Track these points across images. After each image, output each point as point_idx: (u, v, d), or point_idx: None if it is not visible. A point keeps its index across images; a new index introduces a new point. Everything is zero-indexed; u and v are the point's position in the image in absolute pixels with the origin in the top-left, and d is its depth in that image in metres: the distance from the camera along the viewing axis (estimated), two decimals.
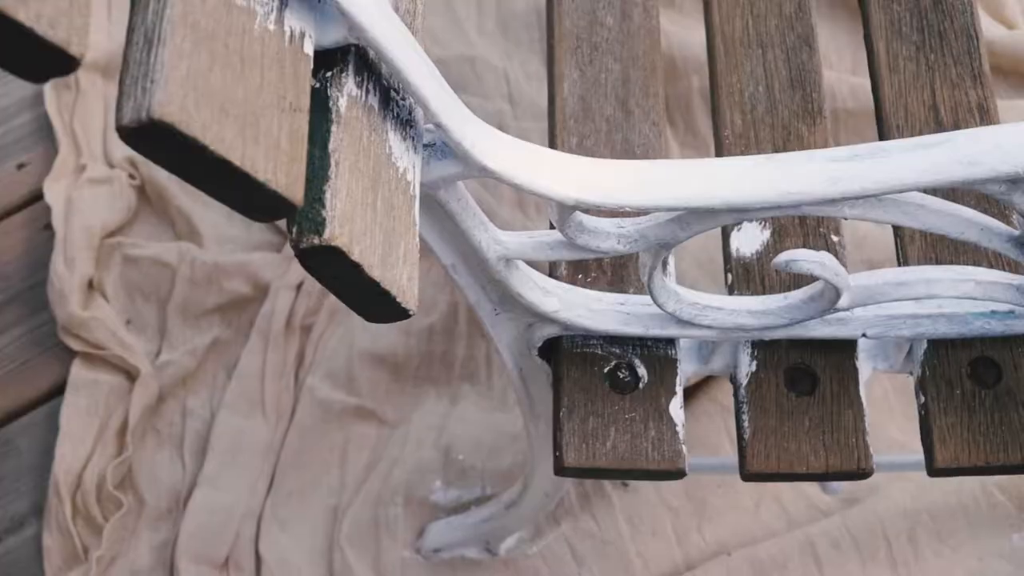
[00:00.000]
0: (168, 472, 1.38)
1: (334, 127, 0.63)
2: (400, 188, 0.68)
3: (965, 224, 0.80)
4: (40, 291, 1.45)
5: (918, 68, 1.02)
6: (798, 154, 0.76)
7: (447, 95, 0.68)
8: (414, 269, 0.67)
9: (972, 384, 0.93)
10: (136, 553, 1.34)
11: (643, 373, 0.92)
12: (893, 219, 0.78)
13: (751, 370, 0.93)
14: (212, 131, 0.53)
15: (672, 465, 0.90)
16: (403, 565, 1.33)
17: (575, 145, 0.99)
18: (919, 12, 1.05)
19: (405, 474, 1.37)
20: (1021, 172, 0.73)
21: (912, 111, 1.01)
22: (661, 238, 0.80)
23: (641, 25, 1.04)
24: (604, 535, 1.35)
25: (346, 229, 0.61)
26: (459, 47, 1.58)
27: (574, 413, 0.91)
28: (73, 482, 1.35)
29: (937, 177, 0.73)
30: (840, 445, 0.91)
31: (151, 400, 1.39)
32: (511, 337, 0.92)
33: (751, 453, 0.91)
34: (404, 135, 0.69)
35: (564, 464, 0.89)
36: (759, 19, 1.05)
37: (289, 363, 1.41)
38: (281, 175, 0.57)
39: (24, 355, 1.43)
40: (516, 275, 0.84)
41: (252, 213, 0.58)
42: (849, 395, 0.92)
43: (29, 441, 1.39)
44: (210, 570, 1.33)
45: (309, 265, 0.62)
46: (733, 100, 1.02)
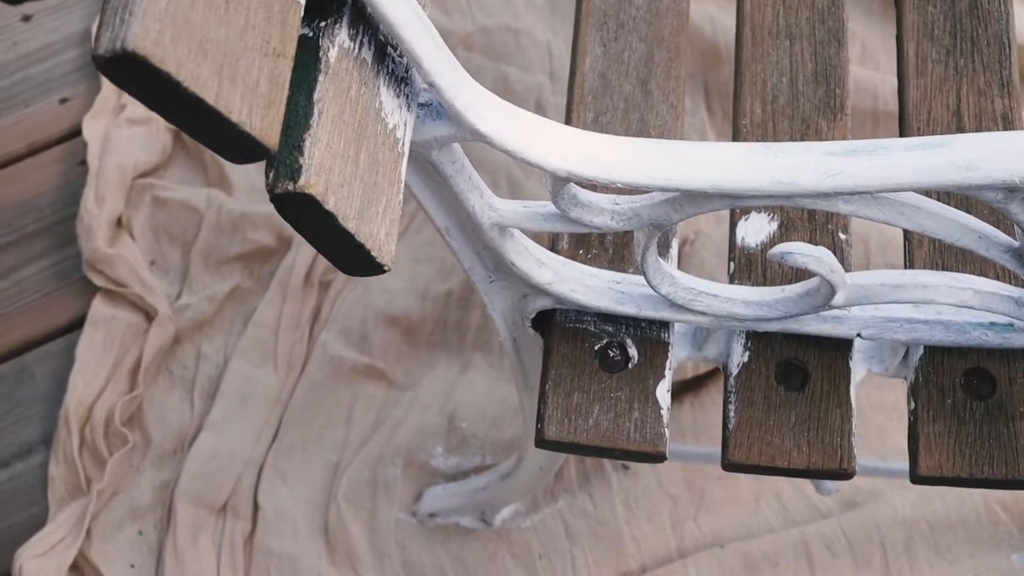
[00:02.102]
0: (177, 413, 1.40)
1: (321, 77, 0.63)
2: (387, 144, 0.68)
3: (963, 230, 0.79)
4: (70, 225, 1.47)
5: (946, 72, 1.01)
6: (797, 145, 0.76)
7: (443, 55, 0.68)
8: (394, 225, 0.68)
9: (964, 394, 0.92)
10: (138, 490, 1.36)
11: (634, 354, 0.92)
12: (889, 219, 0.78)
13: (743, 360, 0.93)
14: (187, 68, 0.54)
15: (652, 448, 0.90)
16: (397, 526, 1.34)
17: (590, 120, 0.99)
18: (954, 16, 1.03)
19: (407, 437, 1.37)
20: (1018, 181, 0.72)
21: (935, 115, 1.00)
22: (654, 218, 0.79)
23: (670, 7, 1.04)
24: (600, 515, 1.35)
25: (322, 178, 0.62)
26: (505, 18, 1.58)
27: (560, 387, 0.91)
28: (83, 415, 1.37)
29: (933, 179, 0.73)
30: (824, 444, 0.90)
31: (166, 341, 1.41)
32: (505, 306, 0.92)
33: (734, 443, 0.91)
34: (398, 92, 0.70)
35: (544, 436, 0.90)
36: (790, 10, 1.04)
37: (305, 317, 1.43)
38: (256, 118, 0.57)
39: (48, 286, 1.45)
40: (510, 243, 0.84)
41: (227, 153, 0.59)
42: (839, 394, 0.92)
43: (45, 370, 1.42)
44: (207, 513, 1.34)
45: (283, 211, 0.63)
46: (755, 89, 1.01)
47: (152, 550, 1.34)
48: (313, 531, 1.35)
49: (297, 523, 1.35)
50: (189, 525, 1.33)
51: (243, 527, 1.34)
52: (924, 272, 0.86)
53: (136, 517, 1.35)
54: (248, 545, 1.34)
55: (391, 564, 1.33)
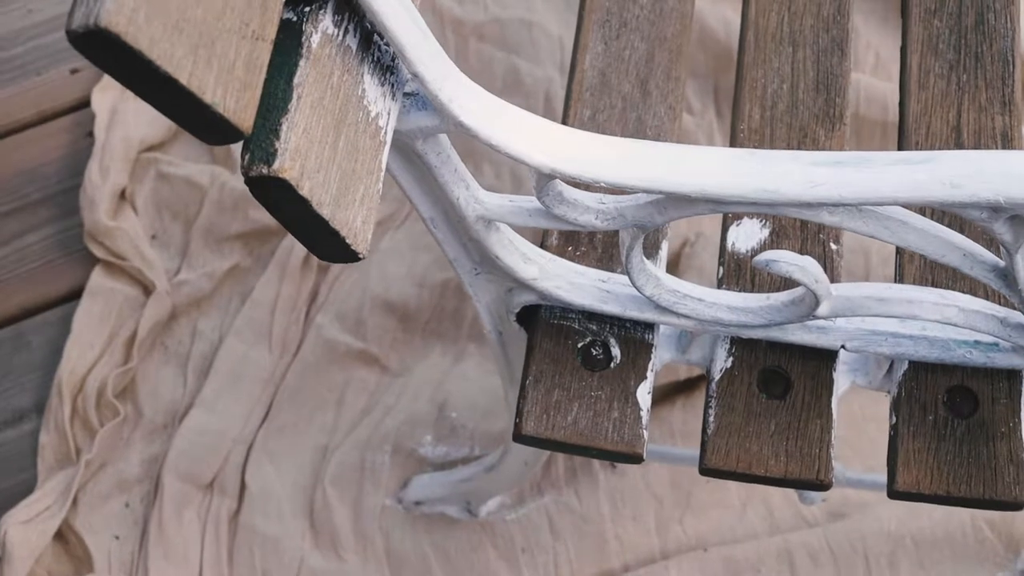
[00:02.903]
0: (170, 388, 1.40)
1: (302, 62, 0.63)
2: (368, 132, 0.68)
3: (947, 247, 0.78)
4: (74, 195, 1.48)
5: (948, 87, 1.01)
6: (783, 153, 0.75)
7: (429, 45, 0.68)
8: (371, 213, 0.68)
9: (946, 412, 0.91)
10: (127, 463, 1.37)
11: (616, 353, 0.92)
12: (872, 232, 0.77)
13: (726, 366, 0.93)
14: (161, 47, 0.54)
15: (630, 448, 0.90)
16: (382, 512, 1.35)
17: (587, 118, 0.99)
18: (959, 31, 1.03)
19: (397, 424, 1.38)
20: (1003, 201, 0.71)
21: (934, 130, 0.99)
22: (639, 219, 0.79)
23: (674, 7, 1.04)
24: (585, 512, 1.35)
25: (297, 163, 0.62)
26: (519, 10, 1.57)
27: (540, 383, 0.91)
28: (76, 385, 1.38)
29: (916, 195, 0.72)
30: (803, 453, 0.90)
31: (163, 316, 1.41)
32: (490, 299, 0.92)
33: (711, 448, 0.90)
34: (382, 80, 0.69)
35: (522, 432, 0.90)
36: (795, 16, 1.04)
37: (302, 299, 1.43)
38: (231, 100, 0.57)
39: (49, 255, 1.46)
40: (495, 237, 0.84)
41: (201, 134, 0.59)
42: (820, 405, 0.91)
43: (41, 339, 1.42)
44: (194, 489, 1.35)
45: (257, 194, 0.63)
46: (755, 94, 1.01)
47: (137, 522, 1.35)
48: (298, 513, 1.35)
49: (282, 504, 1.35)
50: (175, 500, 1.34)
51: (229, 505, 1.35)
52: (909, 287, 0.86)
53: (123, 489, 1.36)
54: (233, 523, 1.35)
55: (374, 550, 1.33)
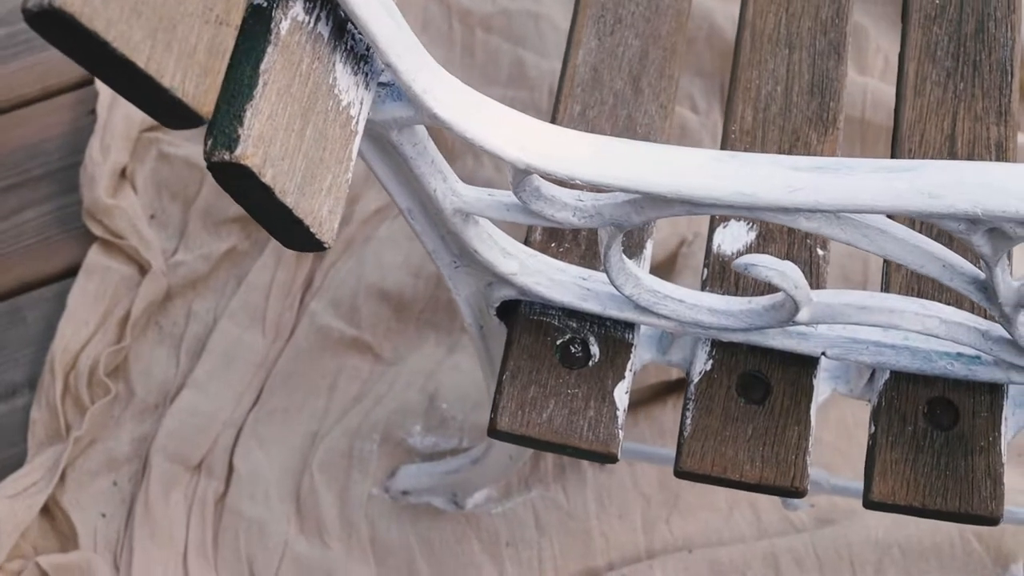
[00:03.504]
0: (162, 368, 1.40)
1: (270, 48, 0.63)
2: (339, 121, 0.67)
3: (927, 257, 0.77)
4: (75, 172, 1.48)
5: (944, 95, 1.00)
6: (763, 156, 0.74)
7: (403, 36, 0.68)
8: (338, 203, 0.67)
9: (926, 423, 0.90)
10: (116, 441, 1.37)
11: (596, 352, 0.91)
12: (851, 240, 0.76)
13: (705, 368, 0.92)
14: (118, 29, 0.53)
15: (604, 448, 0.89)
16: (368, 500, 1.34)
17: (577, 114, 0.98)
18: (958, 38, 1.01)
19: (387, 413, 1.37)
20: (980, 213, 0.70)
21: (928, 138, 0.98)
22: (616, 218, 0.79)
23: (671, 5, 1.03)
24: (571, 509, 1.34)
25: (260, 150, 0.61)
26: (527, 3, 1.57)
27: (517, 379, 0.91)
28: (69, 362, 1.38)
29: (894, 203, 0.71)
30: (779, 460, 0.89)
31: (157, 296, 1.41)
32: (470, 292, 0.91)
33: (687, 451, 0.90)
34: (356, 70, 0.69)
35: (496, 427, 0.89)
36: (793, 18, 1.03)
37: (297, 284, 1.43)
38: (190, 84, 0.57)
39: (48, 231, 1.46)
40: (474, 230, 0.84)
41: (161, 118, 0.58)
42: (799, 411, 0.91)
43: (37, 314, 1.42)
44: (182, 470, 1.35)
45: (220, 180, 0.62)
46: (748, 96, 1.00)
47: (125, 501, 1.35)
48: (285, 497, 1.35)
49: (269, 488, 1.35)
50: (163, 480, 1.34)
51: (216, 487, 1.35)
52: (891, 296, 0.85)
53: (112, 468, 1.36)
54: (219, 505, 1.35)
55: (358, 537, 1.33)
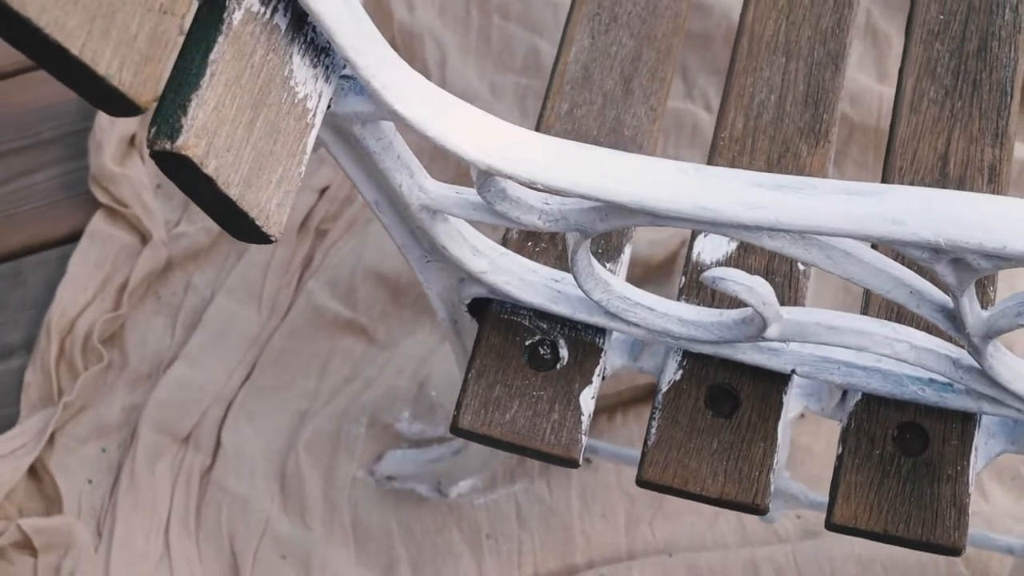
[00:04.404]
0: (158, 338, 1.41)
1: (221, 38, 0.62)
2: (293, 114, 0.67)
3: (894, 282, 0.76)
4: (85, 137, 1.49)
5: (940, 113, 0.98)
6: (728, 171, 0.73)
7: (363, 29, 0.67)
8: (288, 196, 0.67)
9: (894, 448, 0.89)
10: (107, 408, 1.38)
11: (564, 355, 0.91)
12: (814, 261, 0.75)
13: (675, 378, 0.91)
14: (51, 15, 0.53)
15: (566, 452, 0.89)
16: (353, 483, 1.35)
17: (564, 112, 0.97)
18: (960, 56, 0.99)
19: (376, 397, 1.37)
20: (943, 243, 0.69)
21: (920, 156, 0.97)
22: (580, 224, 0.78)
23: (668, 6, 1.01)
24: (554, 505, 1.34)
25: (203, 141, 0.61)
26: None
27: (483, 377, 0.90)
28: (65, 326, 1.39)
29: (855, 227, 0.70)
30: (742, 475, 0.88)
31: (157, 266, 1.42)
32: (442, 287, 0.91)
33: (649, 461, 0.89)
34: (315, 62, 0.68)
35: (458, 425, 0.89)
36: (793, 26, 1.01)
37: (296, 263, 1.43)
38: (128, 73, 0.56)
39: (54, 195, 1.47)
40: (442, 227, 0.83)
41: (100, 105, 0.58)
42: (766, 428, 0.89)
43: (38, 277, 1.43)
44: (169, 442, 1.35)
45: (163, 169, 0.62)
46: (741, 102, 0.98)
47: (112, 468, 1.36)
48: (270, 475, 1.35)
49: (255, 465, 1.35)
50: (149, 450, 1.35)
51: (202, 460, 1.35)
52: (861, 318, 0.83)
53: (102, 434, 1.37)
54: (204, 479, 1.35)
55: (340, 519, 1.33)
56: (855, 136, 1.46)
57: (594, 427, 1.37)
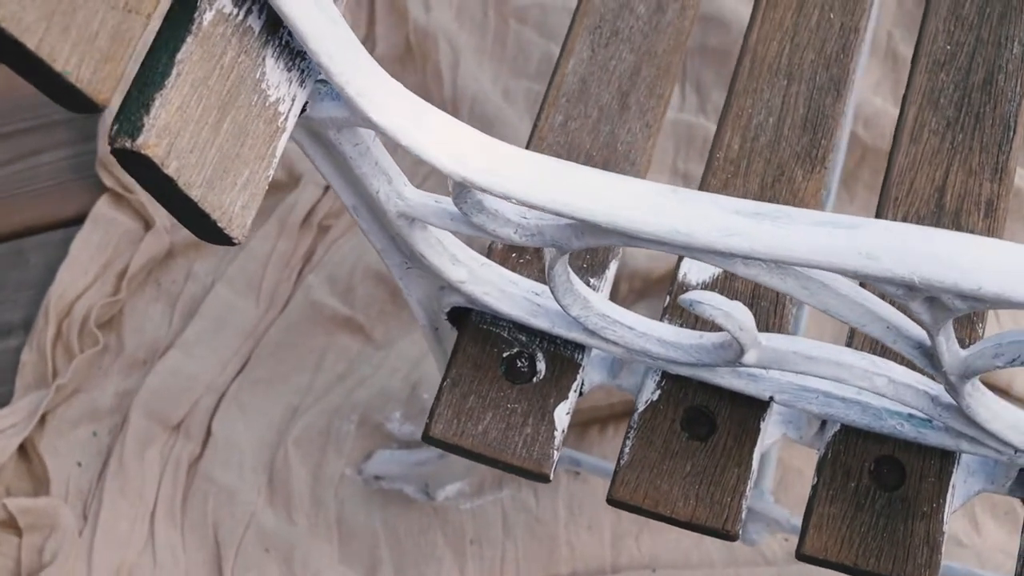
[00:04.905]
0: (155, 325, 1.41)
1: (189, 38, 0.62)
2: (263, 117, 0.66)
3: (870, 317, 0.75)
4: (95, 120, 1.49)
5: (940, 144, 0.96)
6: (705, 196, 0.72)
7: (338, 34, 0.66)
8: (254, 199, 0.66)
9: (870, 481, 0.88)
10: (101, 392, 1.38)
11: (541, 368, 0.90)
12: (790, 290, 0.74)
13: (652, 398, 0.90)
14: (8, 8, 0.53)
15: (537, 467, 0.88)
16: (341, 481, 1.34)
17: (558, 124, 0.97)
18: (964, 87, 0.98)
19: (369, 395, 1.37)
20: (917, 281, 0.68)
21: (917, 187, 0.95)
22: (556, 240, 0.77)
23: (671, 22, 1.00)
24: (540, 514, 1.33)
25: (165, 141, 0.60)
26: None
27: (457, 387, 0.89)
28: (64, 308, 1.39)
29: (829, 260, 0.69)
30: (713, 500, 0.87)
31: (158, 253, 1.42)
32: (422, 294, 0.90)
33: (620, 480, 0.88)
34: (290, 66, 0.68)
35: (430, 433, 0.88)
36: (797, 49, 1.00)
37: (297, 257, 1.42)
38: (86, 71, 0.56)
39: (61, 176, 1.47)
40: (420, 234, 0.82)
41: (59, 100, 0.58)
42: (742, 453, 0.88)
43: (40, 258, 1.44)
44: (160, 429, 1.36)
45: (124, 166, 0.62)
46: (739, 123, 0.97)
47: (101, 453, 1.36)
48: (258, 468, 1.35)
49: (244, 457, 1.35)
50: (140, 437, 1.35)
51: (192, 450, 1.35)
52: (841, 349, 0.82)
53: (94, 418, 1.37)
54: (193, 468, 1.35)
55: (325, 516, 1.33)
56: (867, 159, 1.44)
57: (584, 439, 1.36)
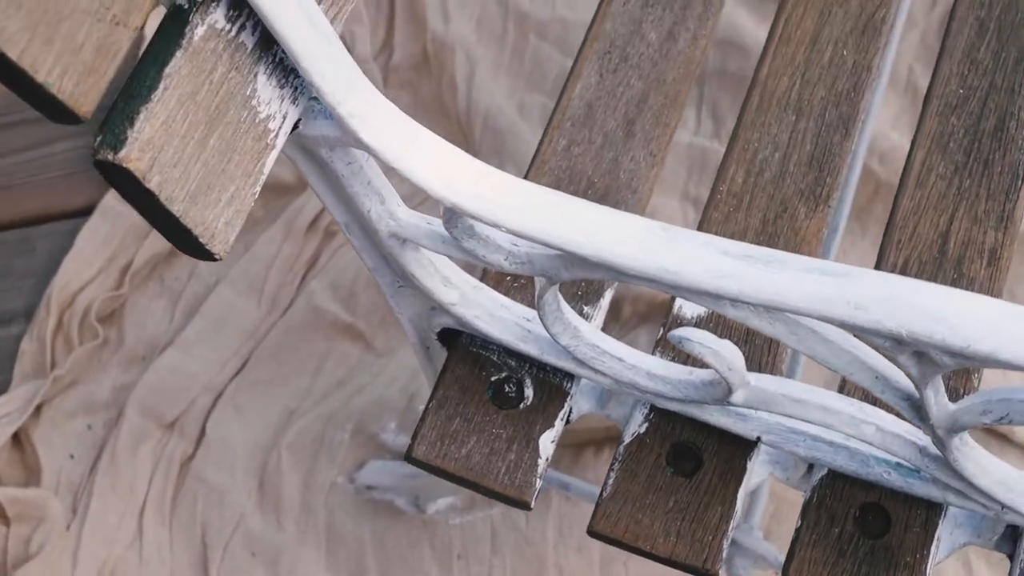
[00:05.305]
0: (157, 321, 1.41)
1: (179, 52, 0.61)
2: (253, 133, 0.66)
3: (858, 365, 0.74)
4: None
5: (947, 190, 0.95)
6: (697, 235, 0.71)
7: (332, 54, 0.66)
8: (238, 215, 0.66)
9: (854, 528, 0.87)
10: (98, 385, 1.38)
11: (529, 395, 0.89)
12: (778, 335, 0.73)
13: (639, 431, 0.89)
14: None
15: (518, 494, 0.87)
16: (332, 488, 1.34)
17: (561, 148, 0.96)
18: (975, 132, 0.97)
19: (365, 404, 1.36)
20: (904, 334, 0.67)
21: (920, 232, 0.94)
22: (546, 270, 0.76)
23: (682, 51, 0.99)
24: (529, 534, 1.32)
25: (147, 155, 0.60)
26: (586, 14, 1.53)
27: (443, 409, 0.89)
28: (66, 300, 1.39)
29: (817, 308, 0.68)
30: (695, 538, 0.86)
31: (163, 249, 1.41)
32: (413, 313, 0.90)
33: (601, 512, 0.87)
34: (283, 82, 0.67)
35: (413, 454, 0.87)
36: (807, 85, 0.99)
37: (301, 261, 1.42)
38: (69, 82, 0.56)
39: (72, 167, 1.47)
40: (412, 255, 0.82)
41: (40, 110, 0.57)
42: (726, 492, 0.87)
43: (46, 247, 1.44)
44: (155, 426, 1.35)
45: (106, 178, 0.61)
46: (744, 157, 0.96)
47: (95, 446, 1.36)
48: (250, 471, 1.35)
49: (236, 459, 1.35)
50: (134, 433, 1.35)
51: (185, 448, 1.35)
52: (829, 394, 0.81)
53: (90, 411, 1.37)
54: (185, 467, 1.35)
55: (314, 523, 1.33)
56: (880, 194, 1.43)
57: (579, 461, 1.35)
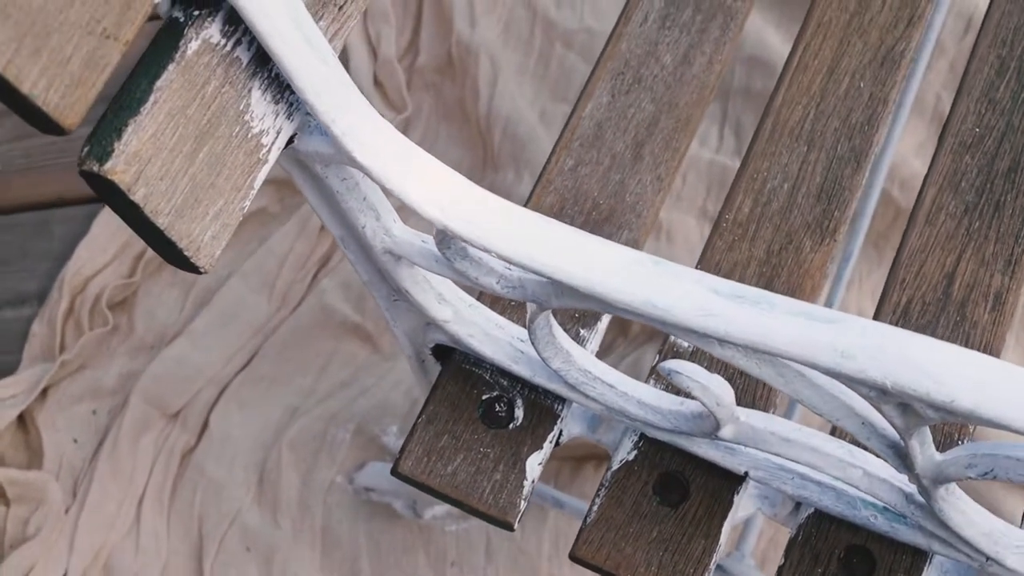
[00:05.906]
0: (167, 311, 1.41)
1: (172, 66, 0.61)
2: (244, 148, 0.66)
3: (844, 411, 0.73)
4: None
5: (956, 230, 0.94)
6: (689, 271, 0.71)
7: (327, 72, 0.65)
8: (225, 229, 0.66)
9: (838, 569, 0.86)
10: (105, 372, 1.38)
11: (519, 416, 0.89)
12: (764, 377, 0.72)
13: (627, 458, 0.89)
14: None
15: (502, 515, 0.87)
16: (330, 488, 1.34)
17: (568, 168, 0.95)
18: (988, 173, 0.95)
19: (368, 406, 1.36)
20: (889, 385, 0.66)
21: (926, 271, 0.93)
22: (537, 296, 0.76)
23: (697, 75, 0.98)
24: (524, 545, 1.32)
25: (133, 168, 0.60)
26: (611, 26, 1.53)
27: (432, 425, 0.88)
28: (79, 285, 1.40)
29: (804, 353, 0.67)
30: (676, 569, 0.86)
31: None
32: (408, 327, 0.89)
33: (584, 538, 0.87)
34: (277, 98, 0.67)
35: (399, 469, 0.87)
36: (821, 116, 0.98)
37: (314, 259, 1.42)
38: (55, 95, 0.56)
39: None
40: (407, 271, 0.81)
41: (28, 120, 0.57)
42: (711, 525, 0.87)
43: (63, 231, 1.44)
44: (158, 416, 1.36)
45: (92, 188, 0.61)
46: (752, 186, 0.96)
47: (99, 432, 1.36)
48: (250, 466, 1.35)
49: (237, 453, 1.35)
50: (137, 421, 1.35)
51: (187, 440, 1.36)
52: (818, 435, 0.80)
53: (96, 397, 1.38)
54: (186, 458, 1.35)
55: (311, 522, 1.33)
56: (899, 222, 1.42)
57: (578, 475, 1.34)
